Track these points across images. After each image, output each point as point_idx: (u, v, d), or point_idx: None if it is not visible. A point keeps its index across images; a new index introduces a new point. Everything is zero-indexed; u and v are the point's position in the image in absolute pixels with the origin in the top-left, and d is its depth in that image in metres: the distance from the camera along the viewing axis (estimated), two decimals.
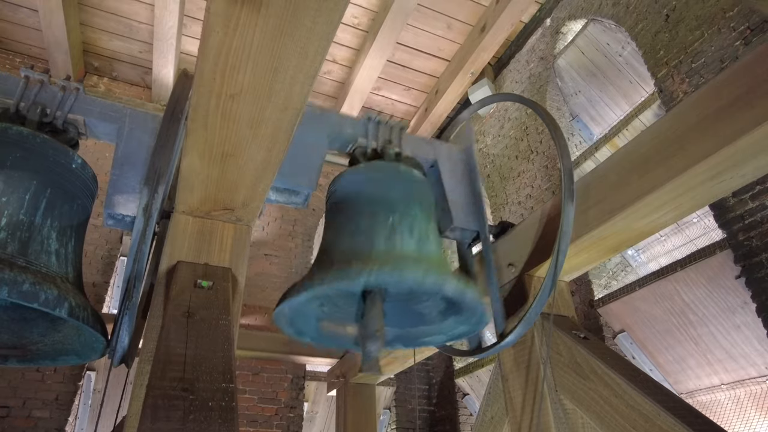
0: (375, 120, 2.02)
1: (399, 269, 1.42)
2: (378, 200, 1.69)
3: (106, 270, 5.41)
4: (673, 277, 3.88)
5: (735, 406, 3.75)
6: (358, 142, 1.98)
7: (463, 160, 2.27)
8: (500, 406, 2.22)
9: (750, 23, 3.52)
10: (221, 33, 1.01)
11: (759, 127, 1.40)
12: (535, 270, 2.15)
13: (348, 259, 1.50)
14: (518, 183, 5.94)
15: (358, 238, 1.58)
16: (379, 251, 1.52)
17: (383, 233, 1.57)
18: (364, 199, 1.71)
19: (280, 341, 4.48)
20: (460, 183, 2.19)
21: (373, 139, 1.98)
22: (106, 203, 1.68)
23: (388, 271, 1.40)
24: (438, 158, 2.18)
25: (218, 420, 0.94)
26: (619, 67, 5.16)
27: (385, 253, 1.51)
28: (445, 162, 2.19)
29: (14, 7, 5.73)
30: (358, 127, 2.00)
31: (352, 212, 1.69)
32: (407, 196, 1.73)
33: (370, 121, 2.02)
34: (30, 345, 1.60)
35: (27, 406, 4.44)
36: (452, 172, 2.19)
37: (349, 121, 2.02)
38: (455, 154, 2.27)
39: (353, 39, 6.26)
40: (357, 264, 1.43)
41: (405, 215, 1.64)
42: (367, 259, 1.47)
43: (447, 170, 2.18)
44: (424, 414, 6.66)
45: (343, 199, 1.77)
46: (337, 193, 1.82)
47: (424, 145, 2.19)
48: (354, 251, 1.55)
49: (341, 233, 1.66)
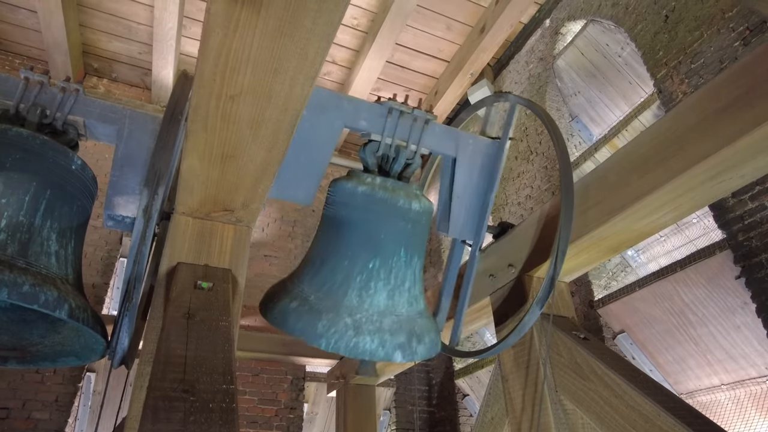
0: (396, 111, 1.82)
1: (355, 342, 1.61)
2: (366, 236, 1.76)
3: (105, 271, 5.40)
4: (673, 277, 3.88)
5: (735, 407, 3.75)
6: (372, 137, 1.83)
7: (488, 156, 2.08)
8: (500, 407, 2.22)
9: (749, 24, 3.52)
10: (221, 34, 1.01)
11: (758, 128, 1.40)
12: (534, 271, 2.15)
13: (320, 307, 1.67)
14: (518, 184, 5.94)
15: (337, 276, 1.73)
16: (349, 305, 1.68)
17: (360, 279, 1.72)
18: (354, 229, 1.77)
19: (280, 342, 4.48)
20: (472, 187, 2.04)
21: (388, 136, 1.82)
22: (106, 204, 1.68)
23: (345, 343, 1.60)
24: (458, 155, 2.01)
25: (219, 421, 0.94)
26: (619, 67, 5.16)
27: (353, 309, 1.68)
28: (465, 161, 2.03)
29: (13, 8, 5.73)
30: (375, 119, 1.82)
31: (341, 240, 1.78)
32: (396, 237, 1.78)
33: (390, 114, 1.82)
34: (30, 346, 1.60)
35: (27, 408, 4.43)
36: (468, 174, 2.04)
37: (365, 110, 1.82)
38: (481, 149, 2.07)
39: (352, 40, 6.26)
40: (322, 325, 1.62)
41: (387, 261, 1.76)
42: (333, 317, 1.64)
43: (463, 170, 2.02)
44: (424, 415, 6.65)
45: (337, 217, 1.80)
46: (332, 206, 1.82)
47: (448, 138, 1.99)
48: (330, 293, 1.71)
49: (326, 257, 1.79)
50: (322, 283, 1.74)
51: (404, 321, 1.73)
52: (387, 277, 1.74)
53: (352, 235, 1.76)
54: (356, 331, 1.63)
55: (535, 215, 2.20)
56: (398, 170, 1.87)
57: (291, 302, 1.72)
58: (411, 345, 1.69)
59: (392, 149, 1.85)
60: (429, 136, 1.90)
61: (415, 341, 1.71)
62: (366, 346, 1.62)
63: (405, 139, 1.85)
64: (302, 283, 1.79)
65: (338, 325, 1.62)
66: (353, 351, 1.61)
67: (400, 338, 1.68)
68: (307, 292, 1.74)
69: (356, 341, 1.61)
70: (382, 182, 1.79)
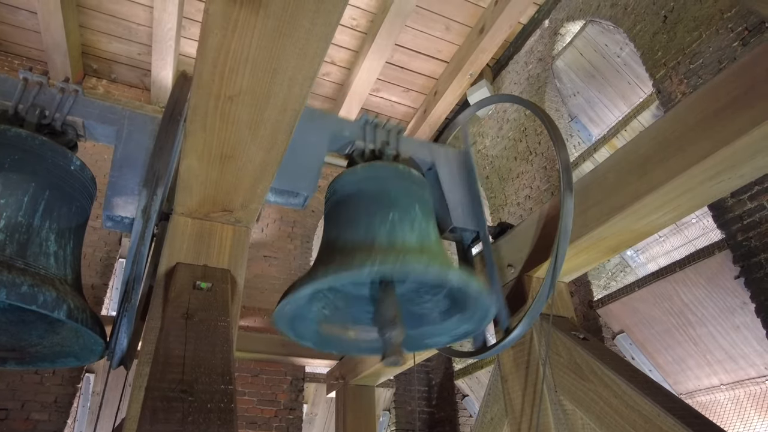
0: (372, 123, 2.03)
1: (403, 259, 1.41)
2: (378, 198, 1.69)
3: (105, 272, 5.40)
4: (672, 277, 3.88)
5: (734, 407, 3.75)
6: (356, 145, 1.98)
7: (461, 162, 2.28)
8: (500, 407, 2.22)
9: (748, 24, 3.53)
10: (220, 34, 1.01)
11: (757, 128, 1.40)
12: (534, 271, 2.15)
13: (351, 253, 1.50)
14: (517, 184, 5.94)
15: (359, 234, 1.57)
16: (382, 244, 1.51)
17: (384, 229, 1.56)
18: (363, 197, 1.72)
19: (279, 343, 4.48)
20: (458, 185, 2.20)
21: (370, 142, 1.99)
22: (105, 205, 1.67)
23: (392, 262, 1.39)
24: (435, 161, 2.19)
25: (217, 422, 0.94)
26: (618, 68, 5.17)
27: (387, 245, 1.51)
28: (443, 164, 2.20)
29: (13, 9, 5.73)
30: (356, 129, 2.01)
31: (353, 211, 1.69)
32: (407, 194, 1.74)
33: (367, 124, 2.03)
34: (28, 347, 1.59)
35: (26, 409, 4.43)
36: (450, 174, 2.20)
37: (347, 124, 2.04)
38: (453, 157, 2.28)
39: (352, 41, 6.27)
40: (360, 256, 1.43)
41: (405, 212, 1.64)
42: (369, 250, 1.47)
43: (445, 172, 2.19)
44: (424, 415, 6.65)
45: (343, 199, 1.77)
46: (336, 194, 1.82)
47: (422, 147, 2.20)
48: (356, 245, 1.55)
49: (342, 231, 1.65)
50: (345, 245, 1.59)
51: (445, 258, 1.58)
52: (411, 226, 1.61)
53: (365, 201, 1.70)
54: (399, 253, 1.45)
55: (535, 215, 2.20)
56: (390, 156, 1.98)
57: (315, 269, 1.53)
58: (462, 270, 1.49)
59: (377, 150, 1.98)
60: (404, 145, 2.06)
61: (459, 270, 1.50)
62: (415, 263, 1.43)
63: (386, 140, 2.01)
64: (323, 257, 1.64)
65: (377, 253, 1.44)
66: (403, 267, 1.42)
67: (448, 262, 1.51)
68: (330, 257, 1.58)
69: (404, 258, 1.42)
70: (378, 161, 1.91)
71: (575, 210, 1.91)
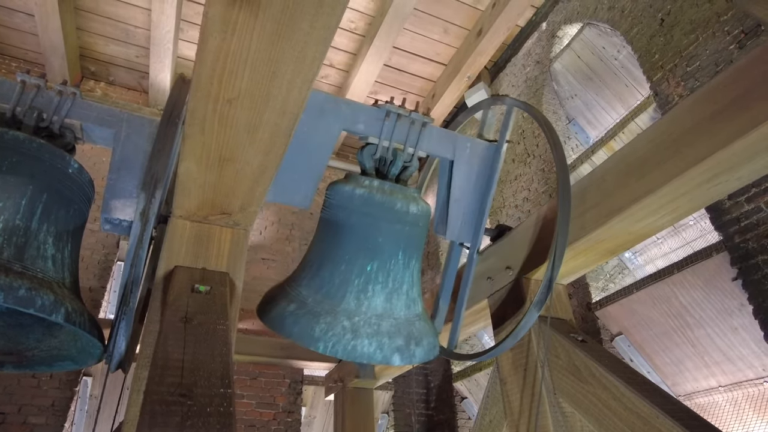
0: (394, 114, 1.83)
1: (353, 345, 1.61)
2: (364, 239, 1.76)
3: (103, 275, 5.38)
4: (670, 279, 3.88)
5: (732, 408, 3.75)
6: (369, 140, 1.84)
7: (486, 158, 2.07)
8: (498, 410, 2.22)
9: (744, 27, 3.54)
10: (219, 37, 1.01)
11: (754, 130, 1.41)
12: (532, 273, 2.15)
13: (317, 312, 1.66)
14: (515, 186, 5.94)
15: (335, 280, 1.73)
16: (347, 309, 1.67)
17: (358, 282, 1.71)
18: (352, 232, 1.77)
19: (278, 346, 4.47)
20: (470, 189, 2.04)
21: (386, 139, 1.83)
22: (103, 208, 1.67)
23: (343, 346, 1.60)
24: (456, 158, 2.01)
25: (216, 425, 0.94)
26: (615, 70, 5.18)
27: (351, 313, 1.67)
28: (462, 164, 2.02)
29: (10, 11, 5.72)
30: (372, 122, 1.82)
31: (339, 243, 1.77)
32: (394, 240, 1.78)
33: (387, 117, 1.82)
34: (26, 351, 1.59)
35: (23, 413, 4.41)
36: (466, 176, 2.03)
37: (363, 113, 1.83)
38: (479, 152, 2.06)
39: (350, 43, 6.27)
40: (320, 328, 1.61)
41: (385, 264, 1.76)
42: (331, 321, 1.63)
43: (461, 173, 2.02)
44: (422, 418, 6.64)
45: (335, 220, 1.80)
46: (330, 209, 1.83)
47: (445, 141, 1.99)
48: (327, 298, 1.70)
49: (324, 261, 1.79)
50: (319, 286, 1.74)
51: (402, 324, 1.73)
52: (385, 280, 1.74)
53: (350, 238, 1.76)
54: (354, 334, 1.62)
55: (533, 218, 2.20)
56: (396, 173, 1.88)
57: (288, 305, 1.72)
58: (409, 348, 1.69)
59: (390, 152, 1.85)
60: (426, 139, 1.91)
61: (414, 344, 1.71)
62: (364, 350, 1.61)
63: (402, 141, 1.86)
64: (300, 287, 1.79)
65: (336, 329, 1.62)
66: (351, 354, 1.60)
67: (398, 341, 1.68)
68: (304, 296, 1.73)
69: (354, 344, 1.61)
70: (379, 185, 1.79)
71: (573, 212, 1.91)
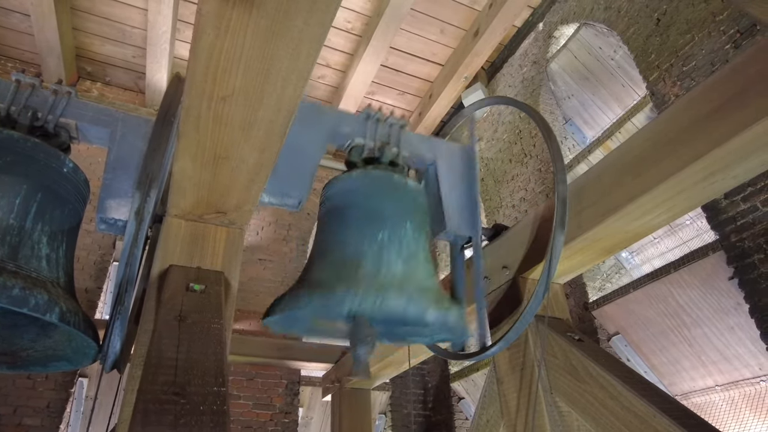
0: (374, 118, 1.96)
1: (382, 298, 1.46)
2: (369, 213, 1.70)
3: (98, 275, 5.37)
4: (667, 279, 3.89)
5: (729, 408, 3.76)
6: (355, 141, 1.91)
7: (464, 159, 2.19)
8: (496, 410, 2.22)
9: (739, 27, 3.55)
10: (212, 35, 1.00)
11: (750, 129, 1.41)
12: (529, 272, 2.15)
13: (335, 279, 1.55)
14: (512, 186, 5.95)
15: (346, 253, 1.62)
16: (366, 272, 1.55)
17: (371, 251, 1.60)
18: (355, 210, 1.72)
19: (275, 346, 4.46)
20: (457, 185, 2.12)
21: (371, 139, 1.92)
22: (99, 208, 1.66)
23: (371, 301, 1.45)
24: (437, 158, 2.10)
25: (210, 424, 0.93)
26: (612, 70, 5.19)
27: (371, 275, 1.55)
28: (444, 162, 2.12)
29: (6, 11, 5.70)
30: (356, 125, 1.94)
31: (344, 223, 1.71)
32: (399, 210, 1.74)
33: (369, 119, 1.95)
34: (20, 351, 1.58)
35: (18, 414, 4.38)
36: (450, 174, 2.12)
37: (347, 119, 1.96)
38: (456, 153, 2.19)
39: (347, 44, 6.27)
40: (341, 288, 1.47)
41: (395, 232, 1.67)
42: (352, 281, 1.50)
43: (445, 171, 2.10)
44: (420, 418, 6.63)
45: (336, 207, 1.77)
46: (329, 200, 1.81)
47: (424, 143, 2.12)
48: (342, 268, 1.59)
49: (331, 244, 1.70)
50: (332, 263, 1.63)
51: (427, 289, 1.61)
52: (399, 248, 1.64)
53: (356, 215, 1.71)
54: (380, 288, 1.47)
55: (530, 217, 2.20)
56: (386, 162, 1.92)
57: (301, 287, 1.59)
58: (442, 304, 1.55)
59: (376, 150, 1.92)
60: (406, 141, 2.01)
61: (446, 304, 1.57)
62: (394, 302, 1.45)
63: (386, 141, 1.94)
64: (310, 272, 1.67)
65: (359, 286, 1.47)
66: (382, 308, 1.45)
67: (429, 296, 1.55)
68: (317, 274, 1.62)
69: (383, 297, 1.44)
70: (374, 167, 1.86)
71: (570, 211, 1.91)
